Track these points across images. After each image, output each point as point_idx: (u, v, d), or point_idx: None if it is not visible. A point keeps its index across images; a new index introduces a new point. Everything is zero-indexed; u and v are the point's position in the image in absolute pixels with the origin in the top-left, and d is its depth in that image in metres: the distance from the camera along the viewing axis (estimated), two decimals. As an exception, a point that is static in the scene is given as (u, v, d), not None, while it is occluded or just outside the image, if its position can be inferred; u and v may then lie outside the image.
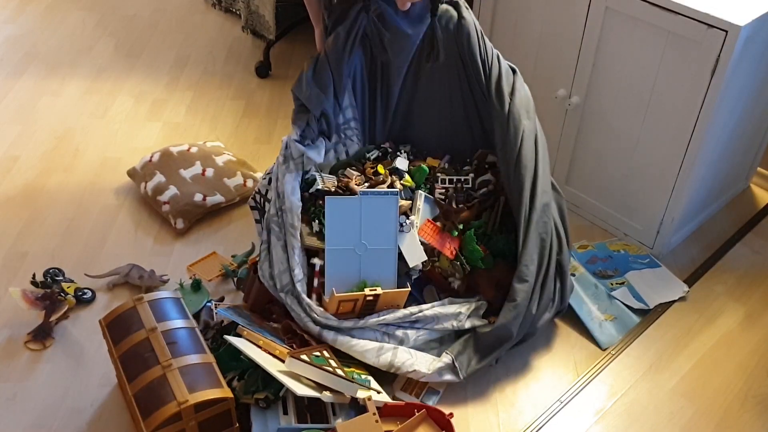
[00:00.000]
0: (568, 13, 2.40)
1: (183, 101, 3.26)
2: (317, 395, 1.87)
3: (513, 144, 2.19)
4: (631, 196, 2.53)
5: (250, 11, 3.49)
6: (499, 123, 2.22)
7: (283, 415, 1.92)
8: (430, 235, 2.21)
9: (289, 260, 2.12)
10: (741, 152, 2.61)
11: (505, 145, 2.21)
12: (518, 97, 2.23)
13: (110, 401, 2.07)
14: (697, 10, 2.07)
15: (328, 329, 2.06)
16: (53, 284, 2.33)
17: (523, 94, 2.25)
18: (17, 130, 3.06)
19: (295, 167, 2.19)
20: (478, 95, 2.33)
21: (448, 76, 2.34)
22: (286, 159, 2.19)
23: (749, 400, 2.12)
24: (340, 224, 2.15)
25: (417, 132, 2.48)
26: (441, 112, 2.42)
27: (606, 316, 2.34)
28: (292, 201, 2.14)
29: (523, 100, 2.24)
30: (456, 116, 2.42)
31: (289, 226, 2.13)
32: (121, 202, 2.73)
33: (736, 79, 2.17)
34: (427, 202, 2.31)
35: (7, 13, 3.84)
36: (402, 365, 2.04)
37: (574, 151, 2.61)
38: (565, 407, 2.10)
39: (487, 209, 2.32)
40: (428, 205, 2.31)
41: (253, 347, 1.96)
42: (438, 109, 2.42)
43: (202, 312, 2.25)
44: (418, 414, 1.90)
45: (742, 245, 2.61)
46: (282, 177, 2.18)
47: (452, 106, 2.40)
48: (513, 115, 2.20)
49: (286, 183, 2.16)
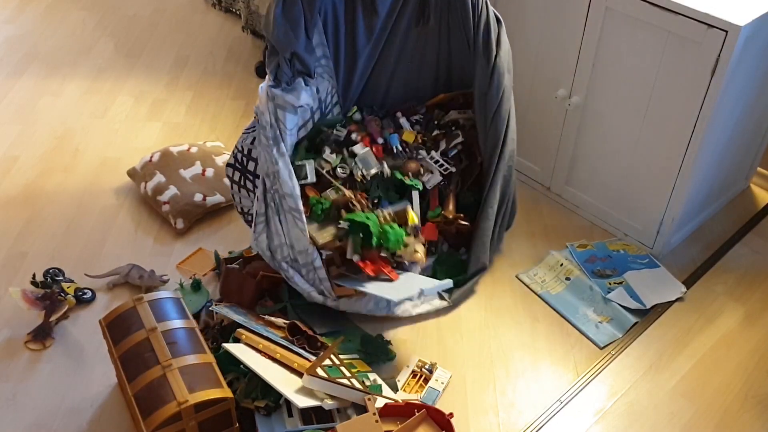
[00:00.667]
0: (568, 13, 2.40)
1: (183, 101, 3.26)
2: (318, 403, 1.87)
3: (495, 97, 2.27)
4: (631, 196, 2.53)
5: (250, 11, 3.49)
6: (482, 75, 2.28)
7: (288, 418, 1.92)
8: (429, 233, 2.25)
9: (297, 243, 2.14)
10: (741, 152, 2.61)
11: (486, 97, 2.29)
12: (503, 50, 2.28)
13: (110, 401, 2.07)
14: (697, 10, 2.07)
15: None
16: (53, 284, 2.33)
17: (506, 48, 2.31)
18: (17, 130, 3.06)
19: (283, 126, 2.13)
20: (456, 43, 2.36)
21: (430, 33, 2.36)
22: (276, 139, 2.11)
23: (749, 400, 2.12)
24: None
25: (383, 84, 2.49)
26: (413, 62, 2.45)
27: (602, 317, 2.34)
28: (291, 186, 2.12)
29: (506, 54, 2.30)
30: (426, 62, 2.45)
31: (293, 210, 2.12)
32: (121, 202, 2.73)
33: (736, 79, 2.17)
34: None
35: (7, 13, 3.84)
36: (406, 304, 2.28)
37: (574, 151, 2.61)
38: (565, 407, 2.10)
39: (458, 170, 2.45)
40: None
41: (252, 353, 1.96)
42: (411, 61, 2.44)
43: (202, 312, 2.25)
44: (418, 414, 1.90)
45: (742, 245, 2.62)
46: (273, 162, 2.11)
47: (425, 55, 2.44)
48: (498, 69, 2.26)
49: (281, 170, 2.11)
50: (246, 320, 2.09)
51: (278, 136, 2.11)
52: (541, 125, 2.66)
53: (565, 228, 2.65)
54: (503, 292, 2.43)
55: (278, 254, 2.17)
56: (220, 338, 2.11)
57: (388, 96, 2.52)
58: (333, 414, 1.95)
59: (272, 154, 2.10)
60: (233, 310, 2.15)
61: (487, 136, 2.33)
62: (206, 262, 2.49)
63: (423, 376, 2.13)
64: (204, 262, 2.48)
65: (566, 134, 2.60)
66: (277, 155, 2.10)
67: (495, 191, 2.37)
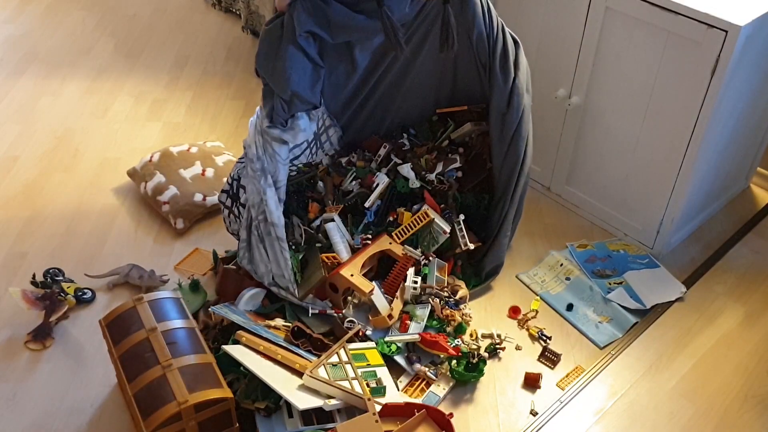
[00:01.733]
0: (568, 13, 2.40)
1: (183, 101, 3.26)
2: (319, 405, 1.87)
3: (514, 118, 2.27)
4: (631, 196, 2.53)
5: (250, 11, 3.49)
6: (500, 96, 2.27)
7: (289, 419, 1.92)
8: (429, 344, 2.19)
9: (281, 268, 2.17)
10: (741, 152, 2.61)
11: (504, 117, 2.27)
12: (521, 72, 2.27)
13: (110, 401, 2.07)
14: (697, 10, 2.07)
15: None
16: (53, 284, 2.33)
17: (525, 68, 2.30)
18: (17, 130, 3.06)
19: (273, 167, 2.11)
20: (463, 63, 2.35)
21: (435, 56, 2.32)
22: (264, 171, 2.10)
23: (749, 400, 2.12)
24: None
25: (381, 108, 2.46)
26: (414, 82, 2.41)
27: (602, 317, 2.34)
28: (277, 216, 2.13)
29: (525, 75, 2.29)
30: (427, 83, 2.43)
31: (279, 240, 2.15)
32: (121, 202, 2.73)
33: (736, 79, 2.17)
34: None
35: (7, 13, 3.84)
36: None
37: (574, 151, 2.61)
38: (565, 407, 2.10)
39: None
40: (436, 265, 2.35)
41: (253, 354, 1.96)
42: (412, 81, 2.41)
43: (200, 312, 2.25)
44: (418, 414, 1.90)
45: (742, 245, 2.61)
46: (261, 191, 2.11)
47: (426, 76, 2.41)
48: (517, 90, 2.25)
49: (269, 199, 2.12)
50: (245, 320, 2.09)
51: (266, 168, 2.11)
52: (541, 125, 2.66)
53: (565, 228, 2.65)
54: (503, 292, 2.43)
55: (265, 279, 2.23)
56: (221, 338, 2.11)
57: (387, 116, 2.49)
58: (334, 414, 1.95)
59: (260, 185, 2.11)
60: (232, 310, 2.14)
61: (506, 156, 2.32)
62: (204, 262, 2.49)
63: (425, 380, 2.12)
64: (202, 262, 2.48)
65: (566, 134, 2.60)
66: (265, 185, 2.11)
67: (513, 209, 2.38)
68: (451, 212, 2.39)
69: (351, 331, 2.11)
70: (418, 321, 2.20)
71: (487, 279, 2.44)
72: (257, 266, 2.22)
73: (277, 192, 2.14)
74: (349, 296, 2.23)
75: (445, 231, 2.32)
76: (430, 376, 2.11)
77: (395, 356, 2.14)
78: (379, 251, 2.30)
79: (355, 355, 2.06)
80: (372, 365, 2.07)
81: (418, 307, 2.23)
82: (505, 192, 2.36)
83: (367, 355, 2.10)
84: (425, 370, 2.11)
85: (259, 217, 2.15)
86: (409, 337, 2.15)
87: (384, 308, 2.20)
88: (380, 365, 2.10)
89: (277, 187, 2.14)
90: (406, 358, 2.15)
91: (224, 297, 2.27)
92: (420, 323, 2.19)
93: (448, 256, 2.39)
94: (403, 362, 2.14)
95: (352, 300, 2.22)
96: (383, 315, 2.17)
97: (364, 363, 2.06)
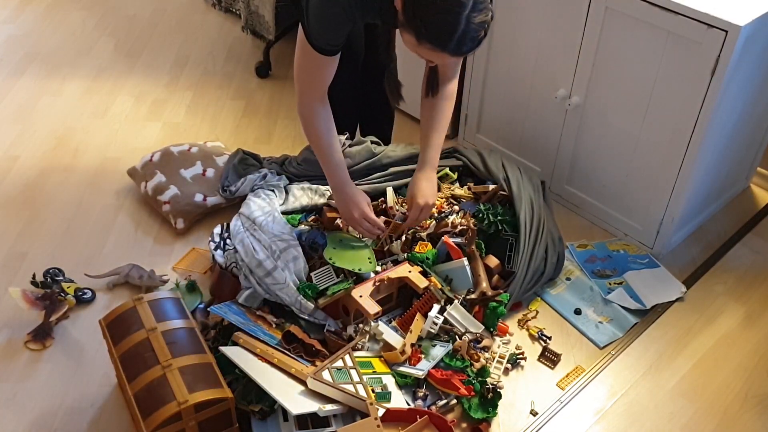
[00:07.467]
0: (568, 13, 2.40)
1: (183, 101, 3.26)
2: (314, 410, 1.83)
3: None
4: (631, 196, 2.53)
5: (250, 11, 3.49)
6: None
7: (284, 422, 1.89)
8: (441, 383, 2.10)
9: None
10: (741, 152, 2.62)
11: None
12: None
13: (110, 401, 2.07)
14: (697, 10, 2.07)
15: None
16: (53, 284, 2.33)
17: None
18: (17, 130, 3.06)
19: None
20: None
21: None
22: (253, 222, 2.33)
23: (749, 400, 2.12)
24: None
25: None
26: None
27: (602, 318, 2.34)
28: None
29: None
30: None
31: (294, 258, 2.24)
32: (121, 202, 2.73)
33: (736, 79, 2.17)
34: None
35: (7, 13, 3.84)
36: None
37: (574, 151, 2.61)
38: (565, 407, 2.10)
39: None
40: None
41: (250, 356, 1.95)
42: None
43: (196, 312, 2.24)
44: (420, 420, 1.88)
45: (742, 245, 2.62)
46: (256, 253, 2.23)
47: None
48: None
49: (263, 261, 2.20)
50: (244, 321, 2.08)
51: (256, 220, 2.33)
52: (541, 125, 2.66)
53: (565, 228, 2.65)
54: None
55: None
56: (221, 339, 2.11)
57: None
58: (329, 419, 1.92)
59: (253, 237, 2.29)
60: (231, 310, 2.14)
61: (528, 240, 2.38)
62: (201, 261, 2.48)
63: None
64: (199, 262, 2.48)
65: (566, 134, 2.60)
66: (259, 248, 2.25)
67: (539, 251, 2.39)
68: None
69: (356, 339, 2.09)
70: (428, 360, 2.09)
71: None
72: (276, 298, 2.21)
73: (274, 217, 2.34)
74: (361, 323, 2.16)
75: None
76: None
77: (402, 388, 2.05)
78: (397, 278, 2.18)
79: (361, 362, 2.03)
80: (378, 373, 2.05)
81: (436, 345, 2.13)
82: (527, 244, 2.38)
83: (374, 363, 2.08)
84: (433, 409, 2.01)
85: (266, 280, 2.18)
86: (414, 372, 2.04)
87: (397, 342, 2.10)
88: (386, 373, 2.06)
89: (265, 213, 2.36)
90: (413, 393, 2.06)
91: (219, 297, 2.26)
92: (431, 362, 2.08)
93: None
94: (409, 397, 2.04)
95: (363, 328, 2.13)
96: (397, 350, 2.07)
97: (370, 370, 2.03)
